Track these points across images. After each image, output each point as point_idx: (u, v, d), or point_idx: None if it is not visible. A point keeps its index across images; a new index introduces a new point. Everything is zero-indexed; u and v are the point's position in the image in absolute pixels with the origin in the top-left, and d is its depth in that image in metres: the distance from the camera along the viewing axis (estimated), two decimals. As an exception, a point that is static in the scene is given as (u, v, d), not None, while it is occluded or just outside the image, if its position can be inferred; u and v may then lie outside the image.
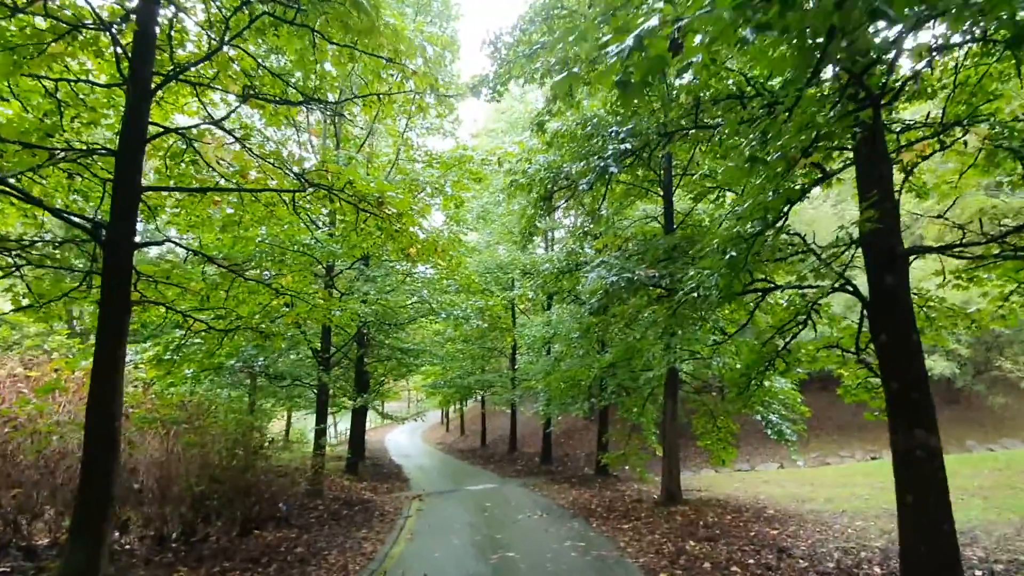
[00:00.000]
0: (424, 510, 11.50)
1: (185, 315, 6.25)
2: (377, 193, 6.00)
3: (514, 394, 20.35)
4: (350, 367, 17.56)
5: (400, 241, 6.43)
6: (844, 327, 6.35)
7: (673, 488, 10.89)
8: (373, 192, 6.02)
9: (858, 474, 15.87)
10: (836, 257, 5.45)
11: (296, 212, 6.71)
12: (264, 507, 8.41)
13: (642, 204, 14.48)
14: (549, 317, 15.54)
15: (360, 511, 10.63)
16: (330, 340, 11.87)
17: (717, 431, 12.21)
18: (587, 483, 15.08)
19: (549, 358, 13.97)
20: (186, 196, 6.60)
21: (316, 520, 9.40)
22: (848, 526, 9.41)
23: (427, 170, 10.40)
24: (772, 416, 9.10)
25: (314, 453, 10.81)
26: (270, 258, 7.57)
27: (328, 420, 18.55)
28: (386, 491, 14.40)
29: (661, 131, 5.54)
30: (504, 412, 29.87)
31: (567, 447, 24.59)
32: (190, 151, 6.22)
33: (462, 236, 16.65)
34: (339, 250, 8.80)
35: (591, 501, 12.12)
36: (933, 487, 4.78)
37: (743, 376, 7.16)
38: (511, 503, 12.12)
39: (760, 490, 13.91)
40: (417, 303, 13.41)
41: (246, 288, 6.89)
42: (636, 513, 10.44)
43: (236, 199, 6.83)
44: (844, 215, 20.80)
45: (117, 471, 4.93)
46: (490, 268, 17.13)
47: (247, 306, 7.14)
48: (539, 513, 10.86)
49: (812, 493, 13.14)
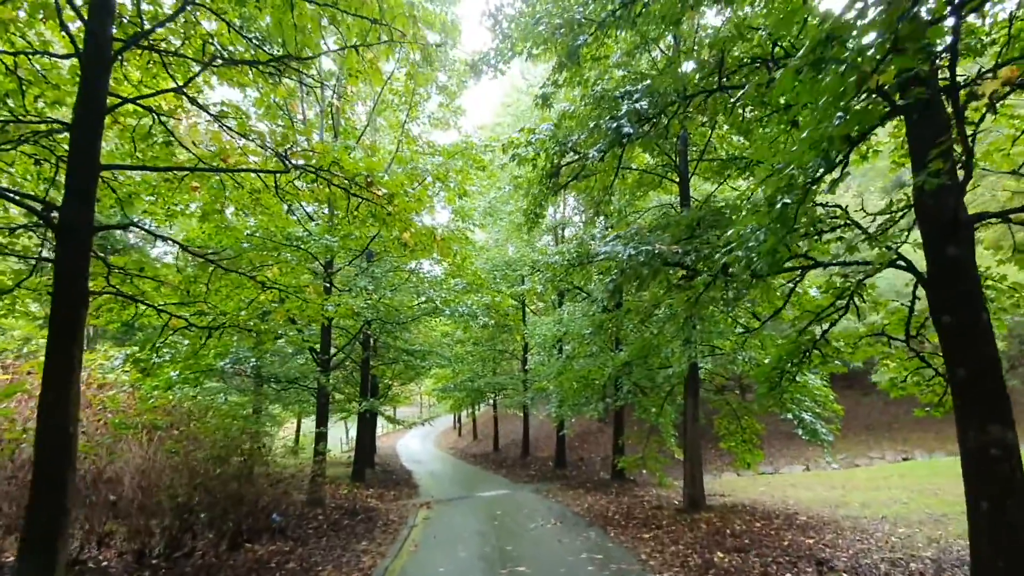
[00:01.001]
0: (431, 518, 10.89)
1: (160, 310, 5.72)
2: (365, 172, 5.44)
3: (526, 396, 19.69)
4: (355, 370, 17.05)
5: (393, 226, 5.85)
6: (892, 311, 5.64)
7: (696, 494, 10.16)
8: (361, 171, 5.46)
9: (892, 476, 14.99)
10: (886, 229, 4.77)
11: (281, 197, 6.17)
12: (256, 518, 7.85)
13: (656, 195, 13.81)
14: (560, 315, 14.90)
15: (363, 521, 10.04)
16: (330, 341, 11.34)
17: (741, 432, 11.47)
18: (603, 488, 14.37)
19: (561, 357, 13.33)
20: (162, 183, 6.10)
21: (314, 531, 8.83)
22: (891, 533, 8.63)
23: (428, 159, 9.84)
24: (805, 415, 8.36)
25: (314, 460, 10.27)
26: (260, 250, 7.03)
27: (339, 425, 17.96)
28: (393, 498, 13.81)
29: (680, 92, 4.92)
30: (517, 415, 29.19)
31: (581, 451, 23.85)
32: (162, 131, 5.71)
33: (468, 233, 16.09)
34: (334, 243, 8.26)
35: (608, 508, 11.43)
36: (1013, 491, 4.07)
37: (775, 370, 6.46)
38: (523, 510, 11.47)
39: (788, 494, 13.10)
40: (424, 303, 12.83)
41: (229, 282, 6.36)
42: (657, 521, 9.73)
43: (217, 185, 6.31)
44: (867, 206, 19.90)
45: (73, 481, 4.39)
46: (498, 265, 16.54)
47: (231, 301, 6.60)
48: (553, 521, 10.20)
49: (845, 497, 12.32)
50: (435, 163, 9.43)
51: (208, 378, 9.11)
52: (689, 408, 10.19)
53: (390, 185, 5.60)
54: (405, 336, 16.52)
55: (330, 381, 10.50)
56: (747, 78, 5.68)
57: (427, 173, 9.48)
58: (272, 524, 7.96)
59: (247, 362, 9.35)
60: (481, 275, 13.06)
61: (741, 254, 3.84)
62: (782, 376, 6.67)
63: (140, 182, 6.20)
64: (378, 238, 10.86)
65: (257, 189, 6.61)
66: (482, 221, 15.93)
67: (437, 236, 6.57)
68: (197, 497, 6.74)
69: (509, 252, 17.66)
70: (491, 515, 11.05)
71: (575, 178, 6.16)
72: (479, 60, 7.79)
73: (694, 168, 10.66)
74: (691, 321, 6.37)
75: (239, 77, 6.07)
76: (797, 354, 6.08)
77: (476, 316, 12.26)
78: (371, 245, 11.65)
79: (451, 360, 18.33)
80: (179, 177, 6.11)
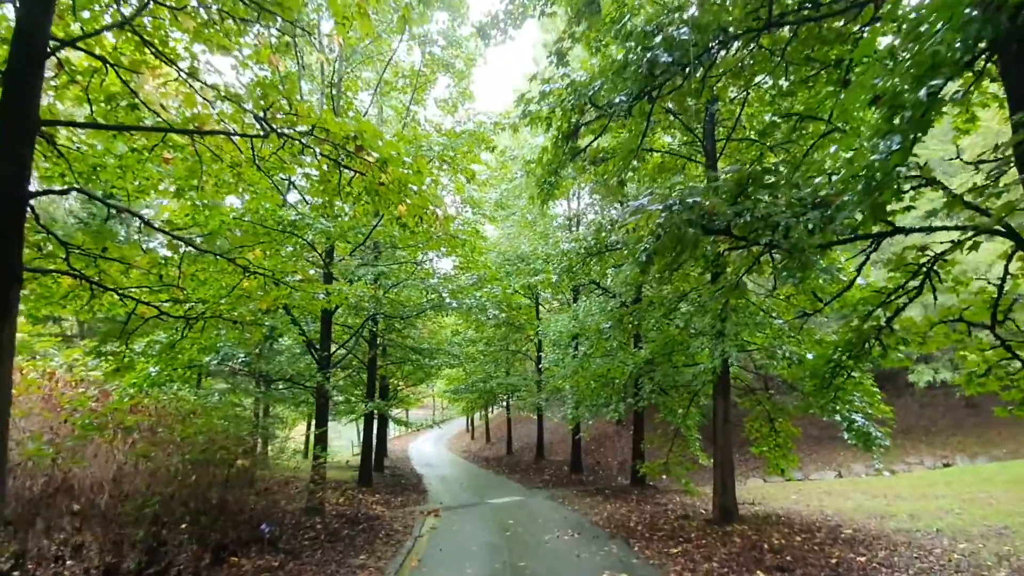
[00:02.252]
0: (439, 528, 10.12)
1: (122, 295, 5.02)
2: (352, 132, 4.69)
3: (540, 397, 18.86)
4: (361, 370, 16.37)
5: (387, 198, 5.09)
6: (976, 292, 4.73)
7: (727, 503, 9.26)
8: (348, 132, 4.71)
9: (937, 483, 13.87)
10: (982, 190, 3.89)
11: (265, 172, 5.45)
12: (244, 529, 7.14)
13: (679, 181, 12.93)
14: (575, 311, 14.05)
15: (364, 531, 9.29)
16: (330, 336, 10.64)
17: (774, 435, 10.53)
18: (622, 495, 13.48)
19: (577, 354, 12.48)
20: (128, 153, 5.41)
21: (310, 543, 8.10)
22: (951, 549, 7.66)
23: (434, 138, 9.09)
24: (856, 416, 7.44)
25: (312, 464, 9.55)
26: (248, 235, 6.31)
27: (351, 428, 17.23)
28: (399, 505, 13.07)
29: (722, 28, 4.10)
30: (530, 418, 28.34)
31: (597, 455, 22.95)
32: (125, 92, 5.02)
33: (479, 226, 15.34)
34: (330, 227, 7.54)
35: (629, 517, 10.56)
36: None
37: (829, 363, 5.58)
38: (538, 520, 10.64)
39: (823, 503, 12.11)
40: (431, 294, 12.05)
41: (206, 266, 5.66)
42: (685, 533, 8.84)
43: (192, 157, 5.61)
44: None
45: (4, 485, 3.68)
46: (510, 259, 15.76)
47: (209, 288, 5.91)
48: (570, 532, 9.36)
49: (888, 507, 11.30)
50: (440, 143, 8.68)
51: (192, 375, 8.44)
52: (719, 409, 9.30)
53: (381, 151, 4.84)
54: (412, 333, 15.78)
55: (329, 380, 9.79)
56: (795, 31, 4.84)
57: (432, 155, 8.73)
58: (262, 535, 7.23)
59: (235, 358, 8.66)
60: (491, 265, 12.29)
61: (839, 188, 2.98)
62: (835, 371, 5.78)
63: (104, 151, 5.51)
64: (380, 227, 10.14)
65: (239, 163, 5.90)
66: (492, 214, 15.18)
67: (438, 212, 5.80)
68: (174, 506, 6.04)
69: (521, 248, 16.86)
70: (503, 525, 10.25)
71: (597, 137, 5.34)
72: (487, 24, 7.03)
73: (722, 148, 9.79)
74: (725, 310, 5.52)
75: (216, 38, 5.37)
76: (857, 344, 5.20)
77: (485, 309, 11.46)
78: (375, 235, 10.95)
79: (461, 359, 17.57)
80: (147, 147, 5.42)
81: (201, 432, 6.42)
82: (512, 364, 22.51)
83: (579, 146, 5.21)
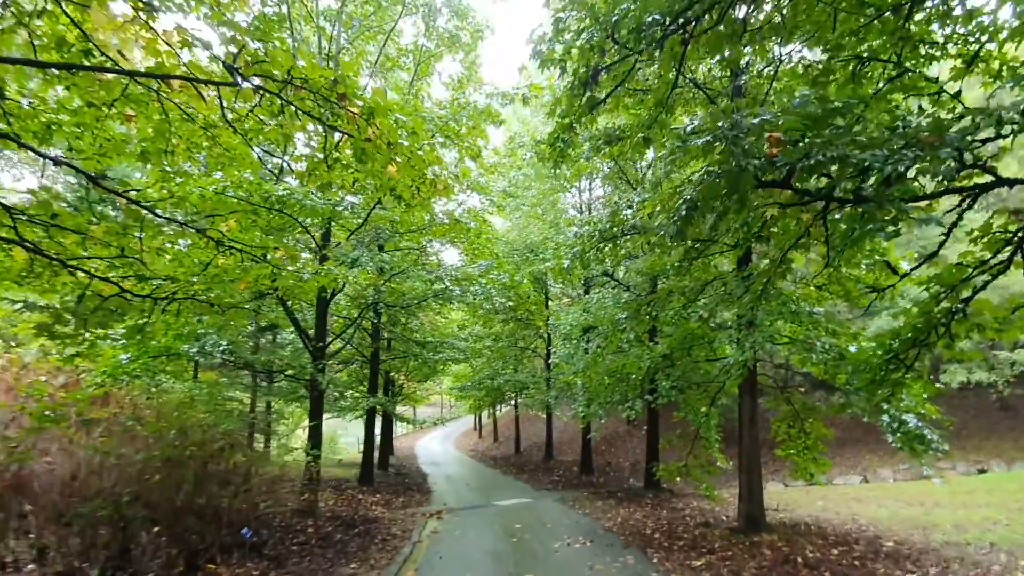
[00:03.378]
0: (440, 532, 9.44)
1: (71, 267, 4.38)
2: (333, 76, 4.01)
3: (549, 395, 18.12)
4: (364, 364, 15.74)
5: (374, 157, 4.40)
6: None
7: (754, 511, 8.48)
8: (329, 76, 4.03)
9: (976, 491, 12.95)
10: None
11: (233, 128, 4.79)
12: (225, 532, 6.50)
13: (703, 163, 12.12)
14: (587, 303, 13.30)
15: (359, 534, 8.63)
16: (325, 326, 9.98)
17: (804, 437, 9.70)
18: (636, 499, 12.73)
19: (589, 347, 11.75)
20: (84, 108, 4.78)
21: (298, 548, 7.45)
22: (1012, 567, 6.84)
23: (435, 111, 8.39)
24: (908, 417, 6.62)
25: (306, 462, 8.92)
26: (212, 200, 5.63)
27: (358, 424, 16.54)
28: (401, 506, 12.42)
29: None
30: (539, 417, 27.62)
31: (608, 455, 22.19)
32: (78, 37, 4.37)
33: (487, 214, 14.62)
34: (322, 204, 6.87)
35: (644, 524, 9.81)
36: None
37: (888, 355, 4.80)
38: (546, 525, 9.93)
39: (854, 510, 11.27)
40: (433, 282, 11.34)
41: (173, 238, 5.01)
42: (707, 543, 8.08)
43: (160, 116, 4.96)
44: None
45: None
46: (518, 249, 15.03)
47: (179, 264, 5.26)
48: (581, 540, 8.63)
49: (928, 516, 10.45)
50: (443, 115, 7.97)
51: (180, 365, 7.80)
52: (745, 408, 8.52)
53: (369, 99, 4.16)
54: (414, 324, 15.10)
55: (324, 372, 9.13)
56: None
57: (433, 128, 8.04)
58: (243, 540, 6.59)
59: (216, 346, 8.02)
60: (498, 253, 11.56)
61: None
62: (893, 365, 4.99)
63: (58, 107, 4.89)
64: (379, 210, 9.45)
65: (212, 124, 5.26)
66: (500, 202, 14.47)
67: (436, 178, 5.10)
68: (138, 507, 5.40)
69: (531, 238, 16.12)
70: (509, 529, 9.55)
71: (619, 86, 4.60)
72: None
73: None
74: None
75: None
76: (924, 331, 4.42)
77: (491, 297, 10.73)
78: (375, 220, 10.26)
79: (467, 353, 16.86)
80: (106, 102, 4.78)
81: (172, 426, 5.78)
82: (520, 361, 21.79)
83: (598, 96, 4.48)
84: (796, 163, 2.63)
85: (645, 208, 9.73)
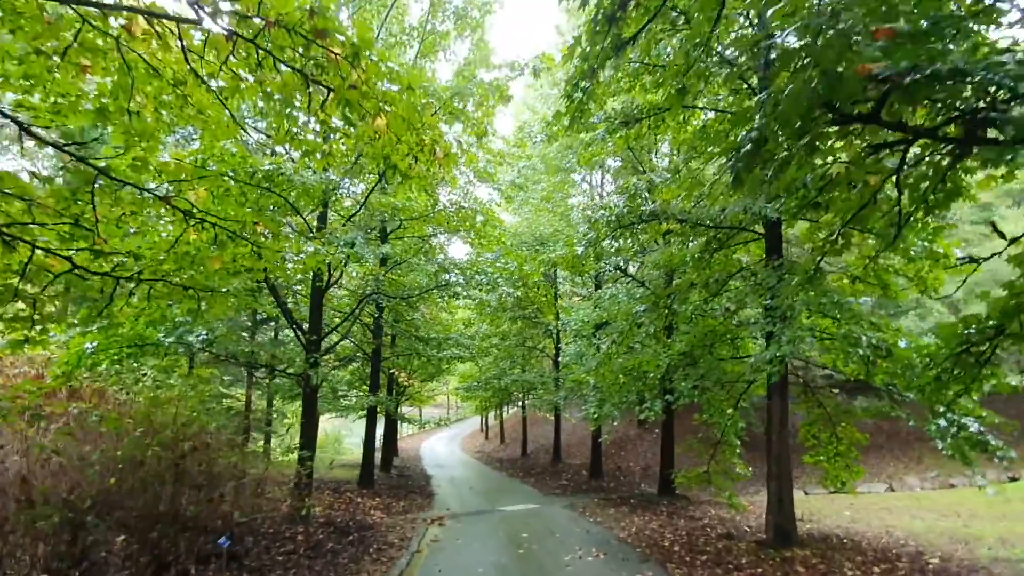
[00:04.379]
0: (441, 541, 8.77)
1: (8, 238, 3.75)
2: (309, 5, 3.37)
3: (558, 396, 17.41)
4: (365, 362, 15.12)
5: (360, 108, 3.75)
6: None
7: (785, 522, 7.73)
8: (304, 3, 3.39)
9: (1013, 500, 12.12)
10: None
11: (200, 78, 4.16)
12: (199, 540, 5.87)
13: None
14: (598, 298, 12.59)
15: (353, 543, 7.98)
16: (320, 317, 9.32)
17: (835, 443, 8.96)
18: (650, 506, 11.99)
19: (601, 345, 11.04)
20: (31, 55, 4.17)
21: (284, 558, 6.80)
22: (1079, 591, 6.08)
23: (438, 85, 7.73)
24: (968, 421, 5.87)
25: (298, 465, 8.28)
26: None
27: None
28: (401, 511, 11.76)
29: None
30: (546, 419, 26.89)
31: (618, 459, 21.42)
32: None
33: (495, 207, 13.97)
34: (312, 180, 6.23)
35: (662, 534, 9.08)
36: None
37: (960, 347, 4.08)
38: (555, 534, 9.23)
39: (887, 522, 10.48)
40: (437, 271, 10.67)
41: (135, 207, 4.38)
42: (733, 558, 7.35)
43: (119, 67, 4.35)
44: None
45: None
46: (527, 241, 14.35)
47: (144, 238, 4.65)
48: (594, 552, 7.93)
49: (967, 528, 9.65)
50: (448, 88, 7.31)
51: (145, 354, 7.18)
52: (775, 410, 7.78)
53: (353, 36, 3.51)
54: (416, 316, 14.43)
55: (317, 366, 8.47)
56: None
57: (438, 103, 7.39)
58: (220, 549, 5.95)
59: (196, 336, 7.36)
60: (506, 242, 10.88)
61: None
62: (962, 361, 4.27)
63: (2, 55, 4.28)
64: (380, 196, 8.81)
65: (182, 80, 4.63)
66: (509, 193, 13.81)
67: (437, 141, 4.45)
68: (93, 512, 4.78)
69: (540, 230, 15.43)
70: (515, 538, 8.86)
71: (652, 20, 3.92)
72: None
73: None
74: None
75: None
76: (1012, 318, 3.70)
77: (498, 286, 10.02)
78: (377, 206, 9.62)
79: (473, 351, 16.19)
80: (57, 50, 4.17)
81: (138, 423, 5.15)
82: (528, 361, 21.09)
83: (624, 36, 3.80)
84: (905, 75, 1.95)
85: (665, 193, 9.05)
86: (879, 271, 8.40)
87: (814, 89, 2.08)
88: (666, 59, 8.41)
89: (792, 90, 2.16)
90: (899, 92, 2.26)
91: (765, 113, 2.37)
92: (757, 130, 2.40)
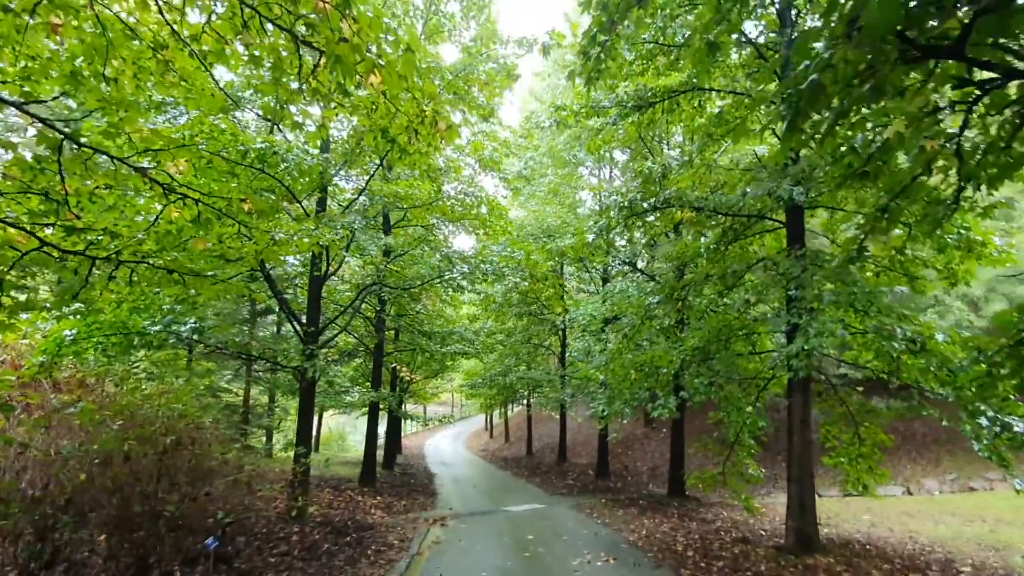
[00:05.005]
0: (443, 542, 8.40)
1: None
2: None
3: (564, 394, 17.01)
4: (368, 358, 14.78)
5: (350, 64, 3.37)
6: None
7: (806, 527, 7.31)
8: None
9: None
10: None
11: (178, 33, 3.80)
12: (186, 541, 5.52)
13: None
14: (607, 292, 12.18)
15: (350, 544, 7.62)
16: (318, 308, 8.94)
17: (858, 444, 8.52)
18: (659, 508, 11.58)
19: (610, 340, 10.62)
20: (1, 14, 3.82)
21: (277, 560, 6.45)
22: None
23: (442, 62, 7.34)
24: (1013, 420, 5.42)
25: (294, 464, 7.92)
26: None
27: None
28: (402, 510, 11.41)
29: None
30: (551, 417, 26.51)
31: (624, 459, 21.00)
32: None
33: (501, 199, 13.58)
34: (307, 159, 5.87)
35: (674, 537, 8.67)
36: None
37: (1017, 339, 3.66)
38: (562, 536, 8.84)
39: (909, 527, 10.02)
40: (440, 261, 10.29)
41: (111, 180, 4.02)
42: (751, 564, 6.94)
43: (93, 27, 4.00)
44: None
45: None
46: (534, 233, 13.96)
47: (119, 213, 4.30)
48: (603, 556, 7.53)
49: (994, 534, 9.19)
50: (451, 68, 6.93)
51: (130, 344, 6.80)
52: (796, 409, 7.35)
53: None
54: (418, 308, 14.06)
55: (315, 358, 8.09)
56: None
57: (442, 83, 7.01)
58: (207, 551, 5.60)
59: (184, 323, 6.99)
60: (512, 232, 10.51)
61: None
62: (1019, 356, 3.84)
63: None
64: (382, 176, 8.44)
65: (163, 44, 4.27)
66: (515, 183, 13.41)
67: (437, 112, 4.07)
68: (71, 511, 4.44)
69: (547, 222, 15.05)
70: (520, 541, 8.48)
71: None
72: None
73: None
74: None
75: None
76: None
77: (504, 276, 9.63)
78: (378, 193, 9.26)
79: (477, 347, 15.81)
80: (25, 7, 3.81)
81: (115, 416, 4.80)
82: (534, 358, 20.70)
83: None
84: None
85: (681, 181, 8.61)
86: (907, 263, 7.95)
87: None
88: (682, 39, 8.02)
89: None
90: (990, 17, 1.86)
91: (829, 43, 1.97)
92: (824, 59, 2.00)
